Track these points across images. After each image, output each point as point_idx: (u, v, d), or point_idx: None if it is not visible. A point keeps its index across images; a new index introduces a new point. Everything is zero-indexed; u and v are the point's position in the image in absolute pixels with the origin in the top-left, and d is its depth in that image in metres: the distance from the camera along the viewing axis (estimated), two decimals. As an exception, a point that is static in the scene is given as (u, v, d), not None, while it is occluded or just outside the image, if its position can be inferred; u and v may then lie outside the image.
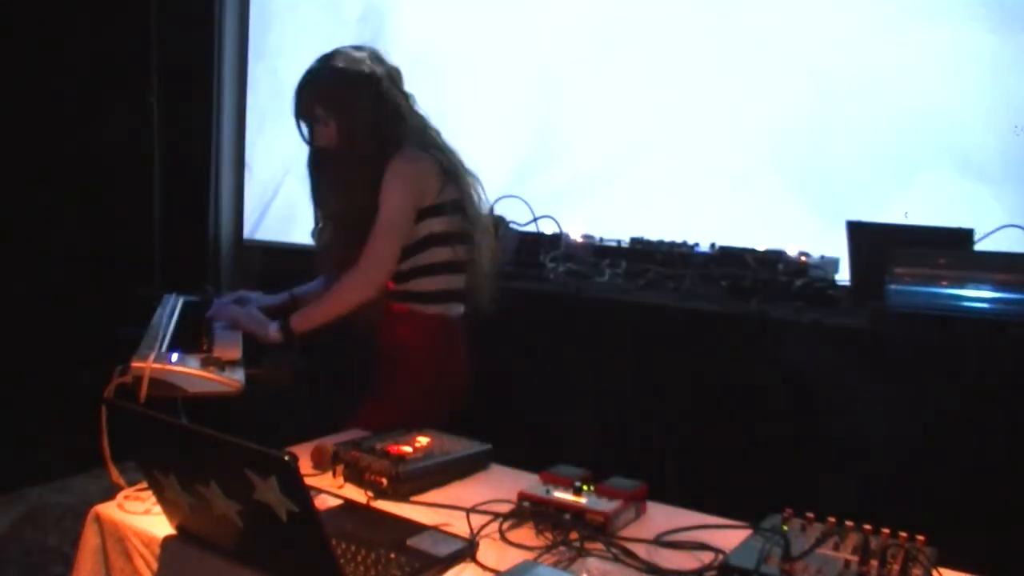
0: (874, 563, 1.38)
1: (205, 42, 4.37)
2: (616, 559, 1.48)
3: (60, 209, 3.88)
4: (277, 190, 4.39)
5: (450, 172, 2.37)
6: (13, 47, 3.69)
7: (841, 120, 3.11)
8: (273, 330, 2.32)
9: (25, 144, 3.75)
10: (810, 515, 1.54)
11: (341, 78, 2.34)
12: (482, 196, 2.48)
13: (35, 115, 3.78)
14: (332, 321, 2.33)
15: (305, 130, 2.41)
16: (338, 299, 2.32)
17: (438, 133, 2.46)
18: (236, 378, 2.07)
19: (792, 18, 3.20)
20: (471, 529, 1.57)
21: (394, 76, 2.42)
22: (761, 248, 2.99)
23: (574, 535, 1.54)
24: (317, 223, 2.49)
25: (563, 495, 1.63)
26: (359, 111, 2.32)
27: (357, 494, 1.74)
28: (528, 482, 1.73)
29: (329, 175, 2.40)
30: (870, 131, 3.06)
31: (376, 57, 2.41)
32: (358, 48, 2.43)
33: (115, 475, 1.75)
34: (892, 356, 2.41)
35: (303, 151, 2.50)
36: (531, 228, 3.33)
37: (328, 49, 2.43)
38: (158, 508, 1.53)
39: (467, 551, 1.48)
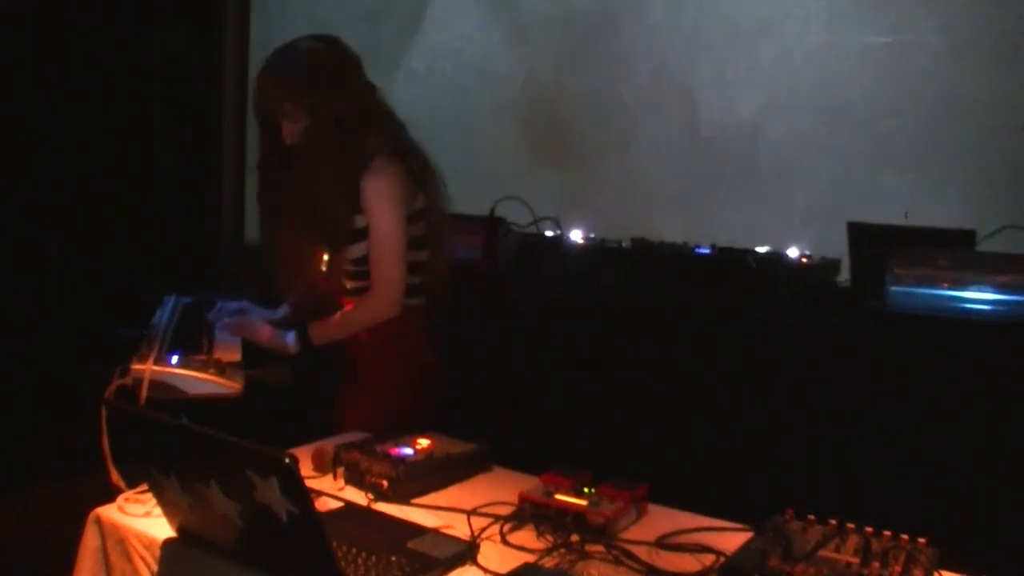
0: (876, 565, 1.38)
1: (206, 39, 4.37)
2: (617, 561, 1.47)
3: (60, 209, 3.87)
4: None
5: (419, 178, 2.30)
6: (9, 48, 3.69)
7: (841, 120, 3.11)
8: (292, 343, 2.28)
9: (24, 144, 3.75)
10: (811, 517, 1.54)
11: (310, 71, 2.19)
12: (446, 198, 2.40)
13: (34, 115, 3.78)
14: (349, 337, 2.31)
15: (266, 126, 2.27)
16: (358, 320, 2.29)
17: (404, 128, 2.34)
18: (236, 380, 2.07)
19: (788, 17, 3.20)
20: (472, 531, 1.57)
21: (357, 67, 2.28)
22: (761, 249, 2.99)
23: (575, 537, 1.54)
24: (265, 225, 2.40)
25: (564, 497, 1.63)
26: (329, 107, 2.18)
27: (358, 496, 1.73)
28: (529, 484, 1.73)
29: (296, 173, 2.26)
30: (870, 131, 3.06)
31: (341, 48, 2.27)
32: (320, 38, 2.27)
33: (115, 476, 1.75)
34: (892, 357, 2.41)
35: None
36: (532, 230, 3.33)
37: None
38: (158, 510, 1.53)
39: (468, 554, 1.47)
